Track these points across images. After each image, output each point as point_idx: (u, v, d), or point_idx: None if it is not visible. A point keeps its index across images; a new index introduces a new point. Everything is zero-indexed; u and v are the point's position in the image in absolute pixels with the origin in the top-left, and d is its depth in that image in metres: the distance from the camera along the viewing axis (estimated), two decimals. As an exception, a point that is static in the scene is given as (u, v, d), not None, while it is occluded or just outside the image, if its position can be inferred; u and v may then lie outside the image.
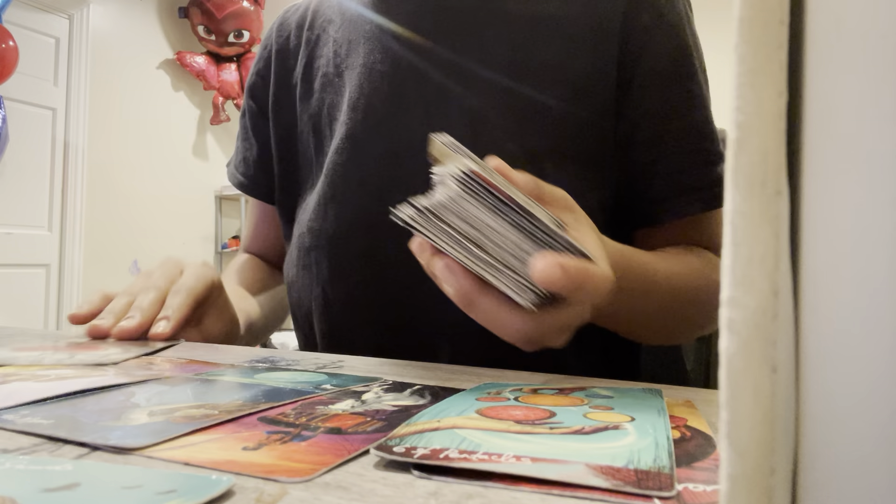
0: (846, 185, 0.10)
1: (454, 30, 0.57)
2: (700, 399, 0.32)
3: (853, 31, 0.10)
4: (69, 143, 3.40)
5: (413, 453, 0.20)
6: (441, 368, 0.42)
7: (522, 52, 0.56)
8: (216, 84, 4.15)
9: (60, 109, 3.38)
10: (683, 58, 0.56)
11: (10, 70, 2.91)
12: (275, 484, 0.19)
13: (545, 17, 0.57)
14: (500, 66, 0.56)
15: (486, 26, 0.57)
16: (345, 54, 0.61)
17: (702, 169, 0.55)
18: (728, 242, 0.10)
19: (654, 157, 0.56)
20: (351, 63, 0.60)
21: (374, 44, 0.59)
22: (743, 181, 0.10)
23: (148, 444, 0.22)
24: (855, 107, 0.10)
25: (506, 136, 0.55)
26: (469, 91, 0.56)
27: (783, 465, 0.10)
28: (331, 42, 0.63)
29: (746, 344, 0.10)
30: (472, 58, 0.56)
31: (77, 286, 3.37)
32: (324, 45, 0.63)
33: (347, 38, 0.61)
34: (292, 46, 0.66)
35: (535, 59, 0.56)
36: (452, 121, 0.55)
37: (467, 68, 0.56)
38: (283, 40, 0.67)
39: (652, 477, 0.19)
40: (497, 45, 0.57)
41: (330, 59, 0.62)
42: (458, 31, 0.57)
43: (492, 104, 0.55)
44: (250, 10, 4.06)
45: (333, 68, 0.62)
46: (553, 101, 0.55)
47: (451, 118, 0.55)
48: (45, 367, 0.36)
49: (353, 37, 0.61)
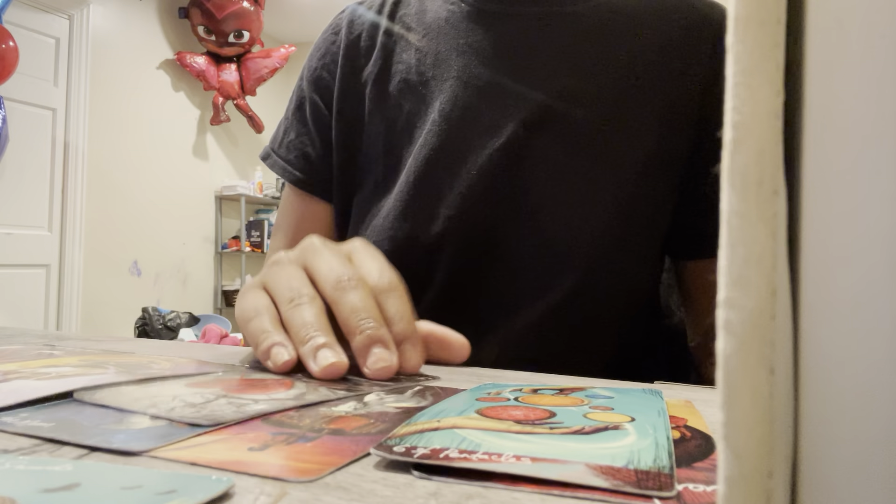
0: (846, 186, 0.10)
1: (554, 37, 0.58)
2: (700, 399, 0.32)
3: (853, 30, 0.10)
4: (69, 143, 3.41)
5: (413, 453, 0.20)
6: (441, 369, 0.42)
7: (620, 62, 0.57)
8: (216, 84, 4.15)
9: (60, 109, 3.38)
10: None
11: (10, 70, 2.92)
12: (275, 484, 0.19)
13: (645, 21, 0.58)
14: (601, 81, 0.56)
15: (586, 34, 0.58)
16: (431, 64, 0.61)
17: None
18: (724, 243, 0.10)
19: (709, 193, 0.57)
20: (439, 74, 0.60)
21: (469, 58, 0.59)
22: (739, 181, 0.10)
23: (152, 448, 0.22)
24: (855, 107, 0.10)
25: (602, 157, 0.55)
26: (569, 115, 0.56)
27: (781, 467, 0.10)
28: (412, 50, 0.63)
29: (744, 345, 0.10)
30: (570, 69, 0.57)
31: (77, 286, 3.37)
32: (403, 52, 0.63)
33: (435, 49, 0.61)
34: (364, 45, 0.66)
35: (633, 100, 0.56)
36: (547, 142, 0.56)
37: (566, 90, 0.56)
38: (355, 37, 0.66)
39: (652, 477, 0.19)
40: (598, 55, 0.57)
41: (412, 67, 0.62)
42: (556, 55, 0.58)
43: (588, 140, 0.56)
44: (250, 11, 4.06)
45: (417, 76, 0.61)
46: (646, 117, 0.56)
47: (546, 140, 0.56)
48: (47, 364, 0.36)
49: (443, 48, 0.61)
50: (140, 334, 3.44)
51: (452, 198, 0.57)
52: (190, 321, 3.57)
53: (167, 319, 3.50)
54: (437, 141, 0.58)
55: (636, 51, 0.57)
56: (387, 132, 0.62)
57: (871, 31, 0.10)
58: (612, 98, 0.56)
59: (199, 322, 3.62)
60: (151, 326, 3.43)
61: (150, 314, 3.48)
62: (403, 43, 0.63)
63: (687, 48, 0.57)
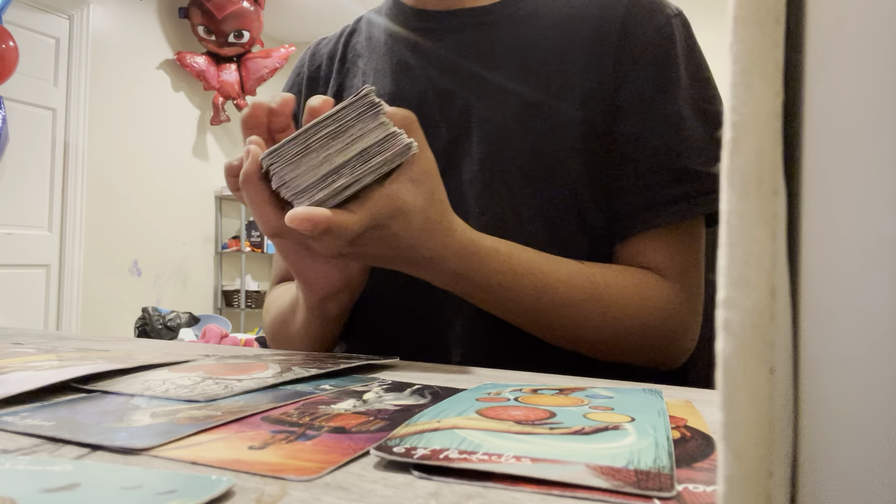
0: (846, 186, 0.10)
1: (473, 45, 0.62)
2: (700, 399, 0.32)
3: (853, 30, 0.10)
4: (69, 143, 3.41)
5: (413, 454, 0.20)
6: (441, 368, 0.42)
7: (533, 59, 0.59)
8: (216, 84, 4.15)
9: (60, 109, 3.38)
10: (666, 82, 0.57)
11: (10, 70, 2.92)
12: (275, 484, 0.19)
13: (554, 23, 0.61)
14: (517, 77, 0.59)
15: (499, 39, 0.61)
16: (371, 83, 0.67)
17: (658, 190, 0.56)
18: (724, 243, 0.10)
19: (621, 175, 0.58)
20: (379, 92, 0.65)
21: (400, 73, 0.64)
22: (738, 181, 0.10)
23: (154, 445, 0.22)
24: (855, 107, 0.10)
25: (524, 146, 0.58)
26: (489, 105, 0.59)
27: (781, 467, 0.10)
28: (360, 73, 0.69)
29: (743, 345, 0.10)
30: (490, 69, 0.60)
31: (77, 286, 3.37)
32: (353, 77, 0.70)
33: (374, 68, 0.67)
34: (323, 75, 0.73)
35: (547, 66, 0.59)
36: (475, 137, 0.59)
37: (487, 82, 0.60)
38: (315, 69, 0.74)
39: (652, 477, 0.19)
40: (512, 55, 0.60)
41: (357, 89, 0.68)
42: (477, 46, 0.62)
43: (511, 116, 0.58)
44: (250, 11, 4.06)
45: None
46: (565, 106, 0.58)
47: (474, 135, 0.59)
48: (39, 359, 0.36)
49: (380, 66, 0.67)
50: (140, 334, 3.44)
51: None
52: (190, 321, 3.57)
53: (167, 319, 3.49)
54: None
55: (551, 49, 0.60)
56: None
57: (871, 31, 0.10)
58: (531, 96, 0.59)
59: (199, 322, 3.61)
60: (151, 326, 3.43)
61: (150, 314, 3.48)
62: (354, 68, 0.71)
63: (598, 36, 0.59)
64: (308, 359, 0.42)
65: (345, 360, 0.40)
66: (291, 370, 0.36)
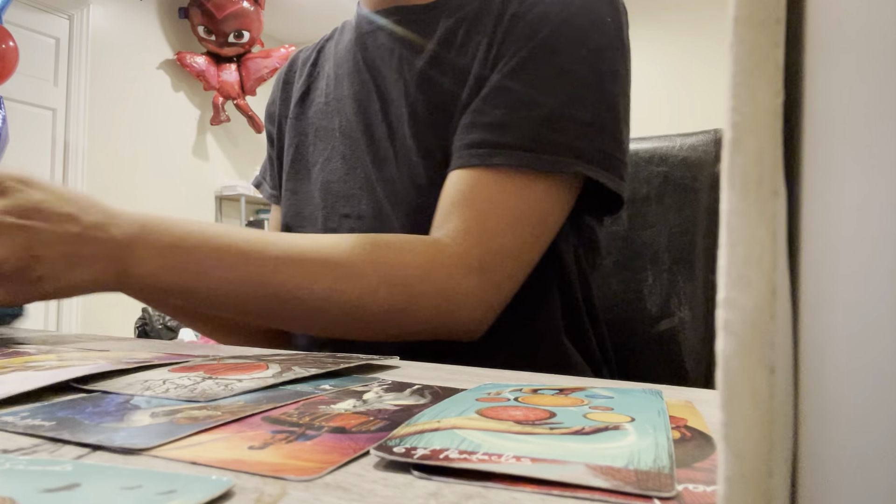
0: (847, 186, 0.10)
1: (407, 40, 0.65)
2: (700, 399, 0.32)
3: (853, 30, 0.10)
4: (69, 143, 3.41)
5: (413, 454, 0.20)
6: (441, 368, 0.42)
7: (444, 47, 0.62)
8: (216, 84, 4.15)
9: (60, 109, 3.38)
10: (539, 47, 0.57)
11: (10, 70, 2.92)
12: (275, 484, 0.19)
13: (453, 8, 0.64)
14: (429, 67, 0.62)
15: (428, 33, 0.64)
16: (333, 87, 0.70)
17: (467, 135, 0.56)
18: (724, 243, 0.10)
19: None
20: (338, 95, 0.69)
21: (353, 77, 0.68)
22: (739, 181, 0.10)
23: (154, 445, 0.22)
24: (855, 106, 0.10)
25: (433, 133, 0.60)
26: (413, 101, 0.62)
27: (781, 467, 0.10)
28: (325, 77, 0.73)
29: (744, 345, 0.10)
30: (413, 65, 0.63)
31: (78, 286, 3.37)
32: (321, 79, 0.74)
33: (335, 73, 0.71)
34: (296, 78, 0.77)
35: (454, 58, 0.62)
36: (405, 133, 0.62)
37: (419, 76, 0.63)
38: (291, 74, 0.79)
39: (652, 477, 0.19)
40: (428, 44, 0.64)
41: (322, 91, 0.72)
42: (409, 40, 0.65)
43: (431, 106, 0.61)
44: (250, 11, 4.06)
45: (324, 98, 0.72)
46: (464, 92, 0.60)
47: (405, 132, 0.62)
48: (39, 359, 0.36)
49: (340, 72, 0.70)
50: (140, 334, 3.44)
51: (349, 203, 0.65)
52: (190, 321, 3.57)
53: (167, 319, 3.49)
54: (339, 155, 0.67)
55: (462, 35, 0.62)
56: (297, 147, 0.72)
57: (871, 31, 0.10)
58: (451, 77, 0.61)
59: (199, 322, 3.61)
60: (151, 326, 3.43)
61: (150, 314, 3.48)
62: (322, 72, 0.74)
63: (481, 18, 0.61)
64: (308, 359, 0.42)
65: (345, 360, 0.40)
66: (291, 370, 0.36)
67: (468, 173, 0.55)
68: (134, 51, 3.81)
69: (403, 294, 0.51)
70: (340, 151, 0.67)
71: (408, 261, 0.51)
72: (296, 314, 0.51)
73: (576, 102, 0.55)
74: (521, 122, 0.54)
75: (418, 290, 0.51)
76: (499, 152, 0.53)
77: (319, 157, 0.69)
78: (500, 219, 0.53)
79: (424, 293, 0.51)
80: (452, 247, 0.52)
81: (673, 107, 4.01)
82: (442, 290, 0.51)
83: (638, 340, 0.77)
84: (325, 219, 0.67)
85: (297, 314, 0.51)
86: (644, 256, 0.78)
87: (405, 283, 0.51)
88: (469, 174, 0.55)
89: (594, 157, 0.55)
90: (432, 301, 0.51)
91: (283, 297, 0.50)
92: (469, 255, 0.52)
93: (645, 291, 0.78)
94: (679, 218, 0.77)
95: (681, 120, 3.74)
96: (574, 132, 0.54)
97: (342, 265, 0.50)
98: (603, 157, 0.55)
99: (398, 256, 0.51)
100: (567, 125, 0.54)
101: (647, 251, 0.78)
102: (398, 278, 0.50)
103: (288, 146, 0.74)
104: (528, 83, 0.55)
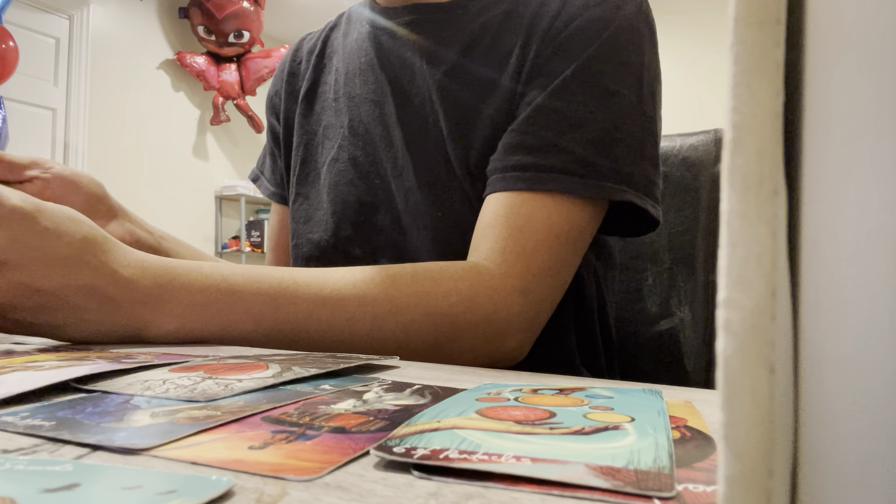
0: (847, 186, 0.10)
1: (426, 40, 0.64)
2: (700, 399, 0.32)
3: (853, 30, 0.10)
4: (69, 143, 3.41)
5: (413, 454, 0.20)
6: (441, 368, 0.42)
7: (467, 56, 0.62)
8: (216, 84, 4.15)
9: (60, 109, 3.38)
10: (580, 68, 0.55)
11: (10, 70, 2.92)
12: (275, 484, 0.19)
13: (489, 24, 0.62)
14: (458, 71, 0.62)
15: (450, 33, 0.63)
16: (343, 83, 0.69)
17: (511, 157, 0.54)
18: (724, 243, 0.10)
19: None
20: (348, 92, 0.68)
21: (367, 75, 0.66)
22: (739, 181, 0.10)
23: (154, 445, 0.22)
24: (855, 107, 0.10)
25: (454, 145, 0.60)
26: (433, 109, 0.61)
27: (782, 467, 0.10)
28: (334, 71, 0.71)
29: (744, 345, 0.10)
30: (436, 65, 0.62)
31: (78, 286, 3.37)
32: (328, 73, 0.71)
33: (345, 68, 0.69)
34: (302, 70, 0.75)
35: (478, 69, 0.61)
36: (423, 142, 0.61)
37: (440, 86, 0.62)
38: (296, 64, 0.76)
39: (652, 477, 0.19)
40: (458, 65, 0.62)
41: (331, 86, 0.70)
42: (429, 41, 0.64)
43: (451, 117, 0.61)
44: (250, 11, 4.06)
45: (333, 94, 0.69)
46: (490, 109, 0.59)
47: (423, 141, 0.61)
48: (39, 359, 0.36)
49: (351, 67, 0.68)
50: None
51: (360, 205, 0.64)
52: (190, 321, 3.57)
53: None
54: (347, 155, 0.66)
55: (486, 45, 0.61)
56: (307, 145, 0.71)
57: (871, 31, 0.10)
58: (474, 89, 0.60)
59: (199, 322, 3.61)
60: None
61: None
62: (329, 64, 0.72)
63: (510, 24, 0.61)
64: (308, 359, 0.42)
65: (345, 360, 0.40)
66: (291, 370, 0.36)
67: (512, 196, 0.53)
68: (134, 51, 3.81)
69: (448, 325, 0.49)
70: (349, 152, 0.65)
71: (449, 288, 0.49)
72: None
73: (621, 126, 0.54)
74: (568, 144, 0.53)
75: (464, 319, 0.49)
76: (546, 176, 0.52)
77: (326, 155, 0.68)
78: (540, 238, 0.52)
79: (469, 322, 0.49)
80: (493, 269, 0.51)
81: (673, 107, 4.01)
82: (487, 317, 0.49)
83: (638, 340, 0.77)
84: (337, 226, 0.64)
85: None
86: (644, 256, 0.78)
87: (449, 312, 0.49)
88: (513, 197, 0.53)
89: (640, 184, 0.54)
90: (478, 329, 0.49)
91: (320, 341, 0.47)
92: (510, 275, 0.51)
93: (645, 291, 0.78)
94: (679, 218, 0.77)
95: (681, 120, 3.74)
96: (621, 157, 0.53)
97: (381, 301, 0.47)
98: (647, 183, 0.54)
99: (439, 286, 0.49)
100: (614, 149, 0.53)
101: (647, 251, 0.78)
102: (442, 308, 0.48)
103: (296, 146, 0.72)
104: (574, 104, 0.54)
